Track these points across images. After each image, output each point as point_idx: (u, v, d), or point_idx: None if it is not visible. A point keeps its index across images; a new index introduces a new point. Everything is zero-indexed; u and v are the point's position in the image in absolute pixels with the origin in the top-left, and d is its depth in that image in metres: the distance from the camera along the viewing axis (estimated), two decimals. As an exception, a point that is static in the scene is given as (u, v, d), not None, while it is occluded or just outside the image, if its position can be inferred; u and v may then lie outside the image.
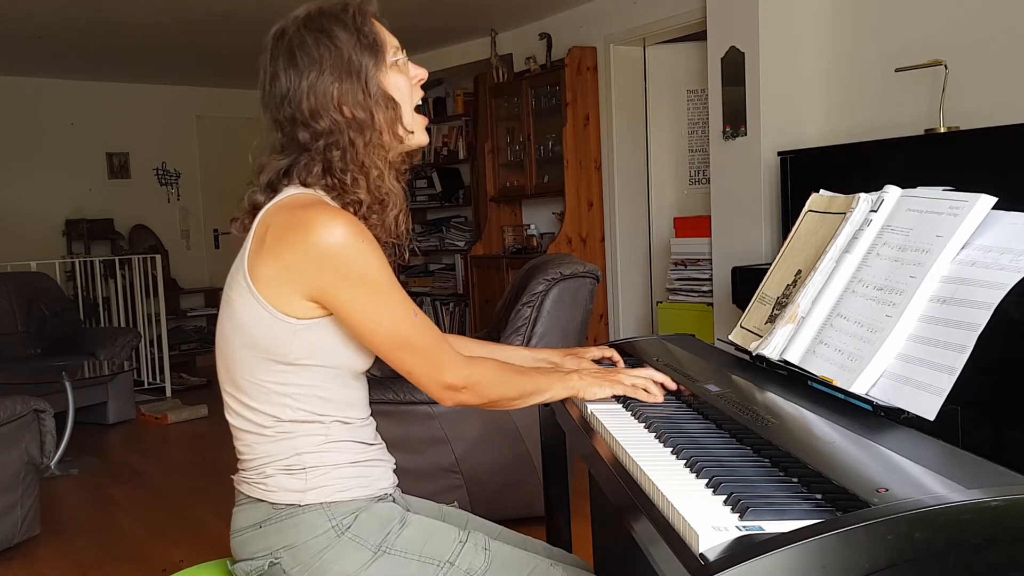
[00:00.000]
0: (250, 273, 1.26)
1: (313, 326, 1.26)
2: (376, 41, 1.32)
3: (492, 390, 1.35)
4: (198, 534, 3.37)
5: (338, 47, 1.29)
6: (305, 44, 1.30)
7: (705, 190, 4.80)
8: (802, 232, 1.54)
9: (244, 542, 1.33)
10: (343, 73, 1.29)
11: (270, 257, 1.24)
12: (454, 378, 1.31)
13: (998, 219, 1.16)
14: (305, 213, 1.24)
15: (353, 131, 1.30)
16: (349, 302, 1.24)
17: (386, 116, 1.32)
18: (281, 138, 1.33)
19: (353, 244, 1.22)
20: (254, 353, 1.28)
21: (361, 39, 1.31)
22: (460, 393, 1.32)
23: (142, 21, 5.30)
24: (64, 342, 5.41)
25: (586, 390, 1.44)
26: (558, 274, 3.00)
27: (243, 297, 1.27)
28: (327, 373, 1.30)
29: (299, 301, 1.24)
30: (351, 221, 1.24)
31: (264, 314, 1.25)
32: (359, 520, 1.29)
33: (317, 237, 1.21)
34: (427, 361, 1.30)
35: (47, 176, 6.97)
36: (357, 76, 1.29)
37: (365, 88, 1.30)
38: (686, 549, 0.87)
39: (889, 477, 0.94)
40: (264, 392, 1.29)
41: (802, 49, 4.10)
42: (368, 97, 1.30)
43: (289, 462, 1.30)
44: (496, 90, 5.90)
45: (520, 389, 1.39)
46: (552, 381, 1.43)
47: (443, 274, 7.00)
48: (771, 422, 1.18)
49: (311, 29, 1.31)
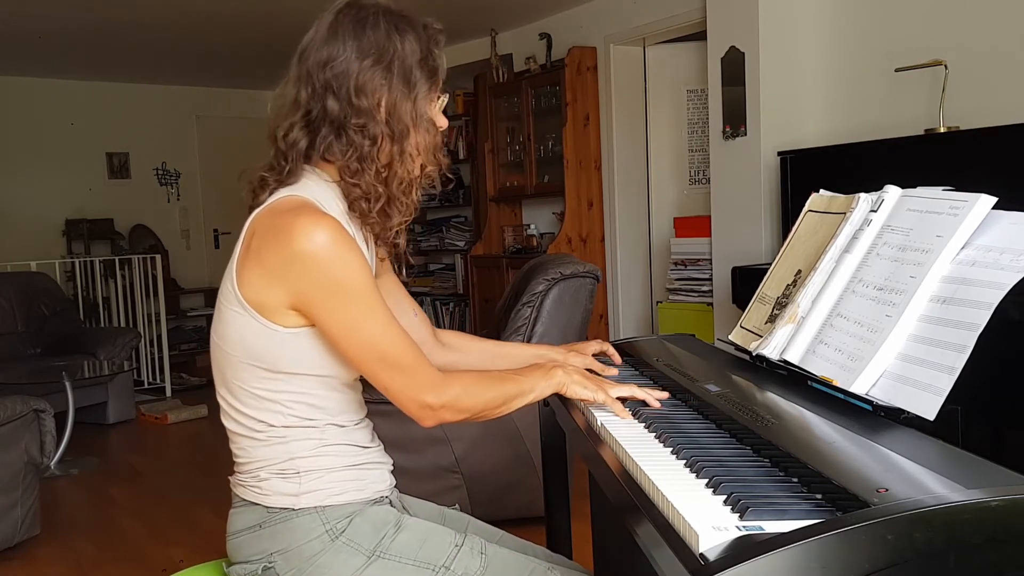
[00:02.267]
0: (238, 280, 1.25)
1: (299, 334, 1.25)
2: (436, 70, 1.32)
3: (473, 403, 1.30)
4: (198, 534, 3.37)
5: (405, 51, 1.28)
6: (379, 28, 1.28)
7: (705, 190, 4.80)
8: (802, 232, 1.54)
9: (239, 545, 1.32)
10: (399, 77, 1.28)
11: (255, 263, 1.23)
12: (433, 398, 1.26)
13: (998, 219, 1.16)
14: (288, 217, 1.22)
15: (386, 132, 1.28)
16: (328, 310, 1.21)
17: (426, 139, 1.31)
18: (308, 96, 1.28)
19: (332, 250, 1.19)
20: (244, 361, 1.27)
21: (427, 59, 1.31)
22: (439, 412, 1.28)
23: (142, 21, 5.30)
24: (64, 342, 5.41)
25: (570, 387, 1.39)
26: (558, 274, 3.00)
27: (231, 305, 1.27)
28: (317, 381, 1.29)
29: (283, 309, 1.23)
30: (334, 227, 1.21)
31: (252, 322, 1.25)
32: (353, 524, 1.29)
33: (297, 241, 1.19)
34: (406, 379, 1.25)
35: (47, 176, 6.97)
36: (412, 87, 1.28)
37: (414, 103, 1.29)
38: (686, 549, 0.87)
39: (889, 477, 0.94)
40: (255, 399, 1.28)
41: (802, 49, 4.10)
42: (414, 111, 1.29)
43: (283, 466, 1.29)
44: (496, 90, 5.90)
45: (503, 396, 1.33)
46: (535, 379, 1.37)
47: (443, 274, 7.00)
48: (771, 422, 1.18)
49: (389, 20, 1.29)
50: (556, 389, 1.39)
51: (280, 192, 1.29)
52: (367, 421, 1.40)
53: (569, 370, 1.41)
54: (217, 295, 1.32)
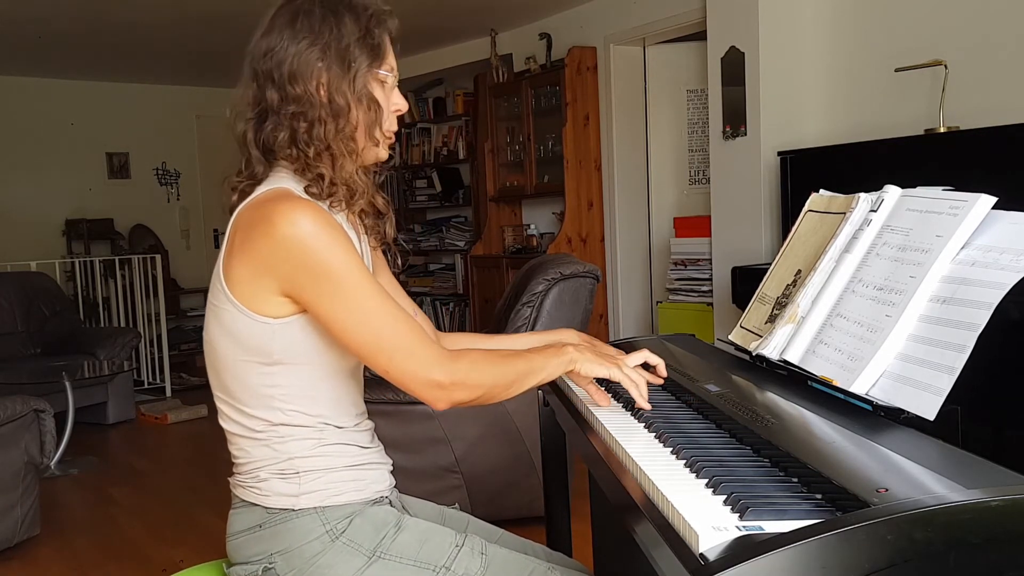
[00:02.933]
0: (225, 277, 1.25)
1: (291, 323, 1.25)
2: (379, 47, 1.32)
3: (482, 379, 1.25)
4: (198, 534, 3.37)
5: (340, 32, 1.28)
6: (312, 15, 1.29)
7: (705, 190, 4.80)
8: (802, 232, 1.54)
9: (239, 546, 1.32)
10: (334, 57, 1.28)
11: (240, 257, 1.23)
12: (440, 375, 1.21)
13: (998, 219, 1.16)
14: (269, 206, 1.22)
15: (325, 112, 1.28)
16: (317, 295, 1.20)
17: (366, 116, 1.31)
18: (255, 91, 1.31)
19: (315, 233, 1.18)
20: (239, 355, 1.27)
21: (366, 38, 1.30)
22: (449, 391, 1.23)
23: (142, 21, 5.30)
24: (64, 342, 5.41)
25: (583, 365, 1.34)
26: (558, 274, 3.00)
27: (221, 302, 1.27)
28: (314, 372, 1.29)
29: (273, 299, 1.23)
30: (315, 211, 1.21)
31: (242, 317, 1.25)
32: (353, 525, 1.28)
33: (279, 228, 1.19)
34: (405, 358, 1.21)
35: (47, 176, 6.98)
36: (348, 67, 1.28)
37: (352, 81, 1.28)
38: (686, 549, 0.87)
39: (889, 477, 0.94)
40: (253, 396, 1.28)
41: (802, 49, 4.10)
42: (352, 90, 1.29)
43: (282, 466, 1.29)
44: (496, 90, 5.90)
45: (514, 373, 1.29)
46: (546, 357, 1.33)
47: (443, 274, 7.00)
48: (771, 422, 1.18)
49: (324, 6, 1.30)
50: (568, 367, 1.35)
51: (257, 190, 1.30)
52: (367, 423, 1.40)
53: (580, 347, 1.37)
54: (208, 298, 1.32)
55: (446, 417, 2.92)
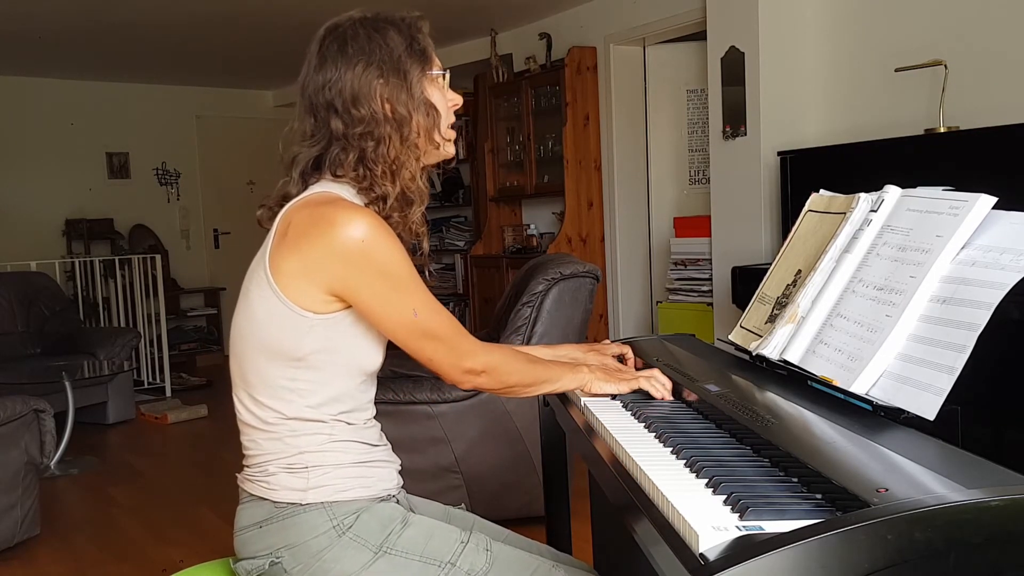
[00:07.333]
0: (271, 267, 1.28)
1: (330, 321, 1.28)
2: (425, 51, 1.38)
3: (509, 376, 1.40)
4: (198, 534, 3.37)
5: (389, 46, 1.34)
6: (358, 37, 1.34)
7: (705, 190, 4.80)
8: (802, 232, 1.54)
9: (246, 540, 1.33)
10: (390, 70, 1.33)
11: (292, 252, 1.27)
12: (474, 363, 1.35)
13: (998, 219, 1.16)
14: (328, 209, 1.27)
15: (391, 127, 1.34)
16: (372, 295, 1.27)
17: (425, 121, 1.36)
18: (313, 124, 1.36)
19: (376, 239, 1.25)
20: (265, 349, 1.30)
21: (413, 45, 1.36)
22: (479, 377, 1.36)
23: (142, 21, 5.30)
24: (64, 342, 5.41)
25: (593, 384, 1.51)
26: (558, 274, 3.00)
27: (262, 291, 1.29)
28: (338, 370, 1.31)
29: (319, 295, 1.27)
30: (373, 217, 1.28)
31: (281, 308, 1.27)
32: (360, 520, 1.30)
33: (340, 232, 1.24)
34: (448, 349, 1.33)
35: (47, 176, 6.97)
36: (404, 76, 1.34)
37: (409, 90, 1.34)
38: (686, 549, 0.87)
39: (889, 477, 0.94)
40: (272, 388, 1.31)
41: (802, 49, 4.10)
42: (411, 99, 1.34)
43: (291, 461, 1.31)
44: (496, 90, 5.90)
45: (534, 376, 1.44)
46: (563, 371, 1.50)
47: (443, 274, 7.00)
48: (771, 422, 1.18)
49: (366, 26, 1.35)
50: (579, 384, 1.52)
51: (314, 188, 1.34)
52: (376, 421, 1.42)
53: (593, 368, 1.54)
54: (243, 284, 1.35)
55: (446, 417, 2.92)
